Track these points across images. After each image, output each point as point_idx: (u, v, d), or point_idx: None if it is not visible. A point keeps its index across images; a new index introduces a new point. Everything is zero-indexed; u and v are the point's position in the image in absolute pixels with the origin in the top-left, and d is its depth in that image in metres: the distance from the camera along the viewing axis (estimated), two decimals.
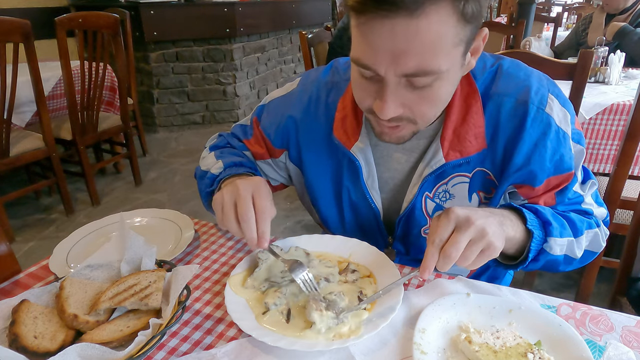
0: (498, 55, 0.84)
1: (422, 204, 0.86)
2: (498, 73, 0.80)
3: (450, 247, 0.62)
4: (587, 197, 0.86)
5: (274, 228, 2.66)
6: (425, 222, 0.88)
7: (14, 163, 2.41)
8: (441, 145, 0.79)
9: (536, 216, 0.77)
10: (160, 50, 4.12)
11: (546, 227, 0.76)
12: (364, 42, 0.62)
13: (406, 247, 0.93)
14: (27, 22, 2.16)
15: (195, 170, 1.02)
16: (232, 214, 0.74)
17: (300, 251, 0.82)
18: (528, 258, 0.75)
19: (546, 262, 0.79)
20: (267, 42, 4.93)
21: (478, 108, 0.78)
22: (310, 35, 2.31)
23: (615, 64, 2.26)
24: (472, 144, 0.79)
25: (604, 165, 2.06)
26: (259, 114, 0.99)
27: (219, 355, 0.64)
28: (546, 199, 0.82)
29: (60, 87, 2.74)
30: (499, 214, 0.71)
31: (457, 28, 0.60)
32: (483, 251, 0.64)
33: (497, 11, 7.53)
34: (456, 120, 0.79)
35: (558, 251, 0.77)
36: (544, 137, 0.77)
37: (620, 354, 0.61)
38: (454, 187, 0.83)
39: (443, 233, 0.64)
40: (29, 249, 2.50)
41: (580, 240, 0.81)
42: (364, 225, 0.94)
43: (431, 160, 0.81)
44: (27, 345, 0.59)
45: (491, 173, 0.82)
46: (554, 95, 0.78)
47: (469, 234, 0.62)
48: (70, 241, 0.90)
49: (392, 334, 0.67)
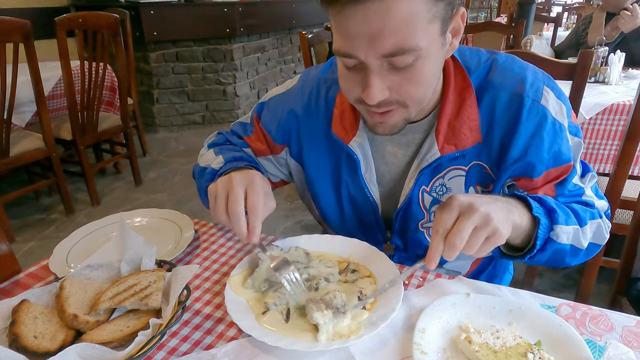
0: (492, 51, 0.85)
1: (419, 197, 0.86)
2: (493, 67, 0.80)
3: (454, 236, 0.61)
4: (587, 190, 0.85)
5: (274, 228, 2.67)
6: (423, 216, 0.88)
7: (14, 163, 2.41)
8: (436, 139, 0.80)
9: (540, 204, 0.75)
10: (160, 50, 4.12)
11: (552, 214, 0.74)
12: (341, 30, 0.64)
13: (404, 241, 0.94)
14: (27, 22, 2.16)
15: (193, 168, 1.02)
16: (223, 205, 0.73)
17: (300, 251, 0.82)
18: (536, 246, 0.72)
19: (553, 253, 0.76)
20: (267, 42, 4.92)
21: (472, 101, 0.79)
22: (310, 35, 2.31)
23: (615, 64, 2.26)
24: (467, 136, 0.79)
25: (604, 165, 2.06)
26: (259, 111, 0.99)
27: (219, 355, 0.64)
28: (546, 191, 0.81)
29: (60, 87, 2.74)
30: (504, 201, 0.69)
31: (428, 4, 0.61)
32: (489, 238, 0.62)
33: (497, 11, 7.53)
34: (450, 113, 0.80)
35: (565, 239, 0.75)
36: (540, 128, 0.77)
37: (620, 354, 0.61)
38: (451, 181, 0.84)
39: (447, 221, 0.62)
40: (29, 249, 2.50)
41: (585, 229, 0.79)
42: (363, 220, 0.95)
43: (427, 154, 0.82)
44: (27, 345, 0.59)
45: (488, 167, 0.82)
46: (549, 87, 0.79)
47: (473, 220, 0.61)
48: (70, 241, 0.90)
49: (392, 334, 0.67)
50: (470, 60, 0.82)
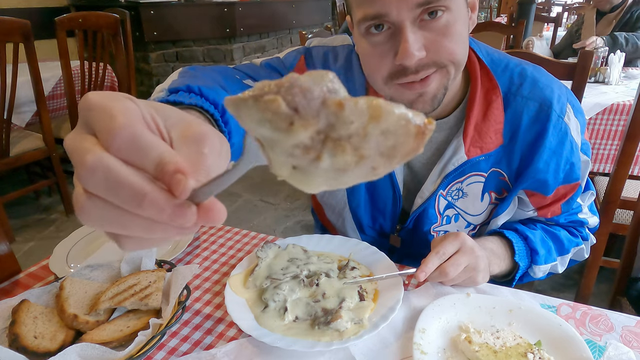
0: (520, 60, 0.84)
1: (435, 201, 0.86)
2: (522, 74, 0.80)
3: (451, 265, 0.71)
4: (585, 208, 0.90)
5: (274, 228, 2.67)
6: (436, 219, 0.88)
7: (14, 163, 2.40)
8: (463, 142, 0.79)
9: (525, 243, 0.85)
10: (160, 50, 4.11)
11: (533, 255, 0.85)
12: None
13: (411, 238, 0.93)
14: (27, 22, 2.16)
15: None
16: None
17: (298, 248, 0.82)
18: (512, 284, 0.86)
19: (527, 279, 0.90)
20: (267, 42, 4.92)
21: (499, 104, 0.78)
22: (310, 35, 2.31)
23: (615, 64, 2.27)
24: (492, 139, 0.79)
25: (604, 165, 2.06)
26: (306, 52, 0.88)
27: (219, 355, 0.64)
28: (554, 210, 0.85)
29: (60, 87, 2.74)
30: (489, 250, 0.81)
31: None
32: (465, 280, 0.75)
33: (497, 11, 7.53)
34: (477, 115, 0.79)
35: (540, 274, 0.88)
36: (561, 145, 0.78)
37: (620, 354, 0.61)
38: (469, 186, 0.84)
39: (449, 249, 0.72)
40: (29, 249, 2.50)
41: (566, 258, 0.91)
42: (378, 207, 0.92)
43: (452, 157, 0.80)
44: (27, 345, 0.59)
45: (506, 174, 0.82)
46: (571, 105, 0.79)
47: (469, 260, 0.72)
48: (70, 241, 0.90)
49: (392, 334, 0.67)
50: (498, 62, 0.80)
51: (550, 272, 0.90)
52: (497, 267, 0.82)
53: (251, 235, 0.95)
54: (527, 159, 0.79)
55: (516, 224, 0.89)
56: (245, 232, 0.97)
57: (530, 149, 0.79)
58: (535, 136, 0.78)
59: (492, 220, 0.88)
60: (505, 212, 0.86)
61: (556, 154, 0.79)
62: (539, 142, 0.78)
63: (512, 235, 0.85)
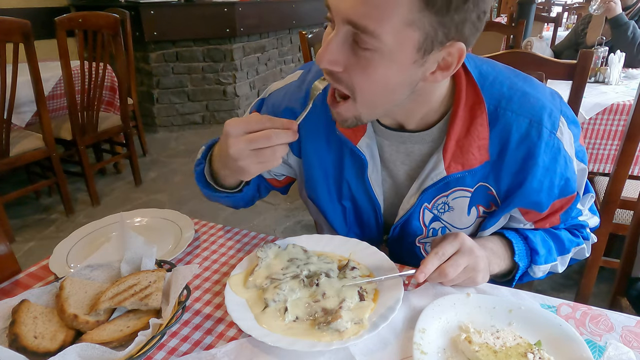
0: (510, 68, 0.81)
1: (419, 214, 0.85)
2: (512, 88, 0.76)
3: (451, 266, 0.70)
4: (585, 210, 0.90)
5: (274, 228, 2.67)
6: (421, 231, 0.87)
7: (14, 163, 2.41)
8: (443, 157, 0.77)
9: (525, 242, 0.84)
10: (160, 50, 4.11)
11: (533, 255, 0.85)
12: None
13: (399, 248, 0.93)
14: (27, 22, 2.16)
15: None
16: (241, 145, 0.68)
17: (298, 248, 0.82)
18: (513, 281, 0.87)
19: (527, 278, 0.90)
20: (267, 42, 4.92)
21: (483, 120, 0.75)
22: (310, 35, 2.31)
23: (615, 64, 2.27)
24: (475, 156, 0.76)
25: (604, 165, 2.06)
26: (259, 108, 0.97)
27: (219, 355, 0.64)
28: (553, 220, 0.85)
29: (60, 87, 2.74)
30: (489, 250, 0.80)
31: (411, 6, 0.56)
32: (465, 280, 0.75)
33: (497, 11, 7.53)
34: (459, 131, 0.76)
35: (540, 274, 0.88)
36: (554, 162, 0.76)
37: (620, 354, 0.61)
38: (455, 201, 0.82)
39: (448, 250, 0.72)
40: (29, 249, 2.50)
41: (566, 257, 0.91)
42: (361, 219, 0.93)
43: (431, 172, 0.79)
44: (27, 345, 0.59)
45: (494, 190, 0.80)
46: (564, 116, 0.77)
47: (468, 261, 0.72)
48: (70, 241, 0.90)
49: (392, 334, 0.67)
50: (486, 75, 0.77)
51: (551, 272, 0.90)
52: (497, 267, 0.81)
53: (251, 235, 0.96)
54: (519, 177, 0.77)
55: None
56: (245, 232, 0.97)
57: (521, 167, 0.76)
58: (526, 153, 0.75)
59: (479, 233, 0.87)
60: (494, 226, 0.85)
61: (550, 171, 0.76)
62: (530, 161, 0.75)
63: (512, 235, 0.84)
